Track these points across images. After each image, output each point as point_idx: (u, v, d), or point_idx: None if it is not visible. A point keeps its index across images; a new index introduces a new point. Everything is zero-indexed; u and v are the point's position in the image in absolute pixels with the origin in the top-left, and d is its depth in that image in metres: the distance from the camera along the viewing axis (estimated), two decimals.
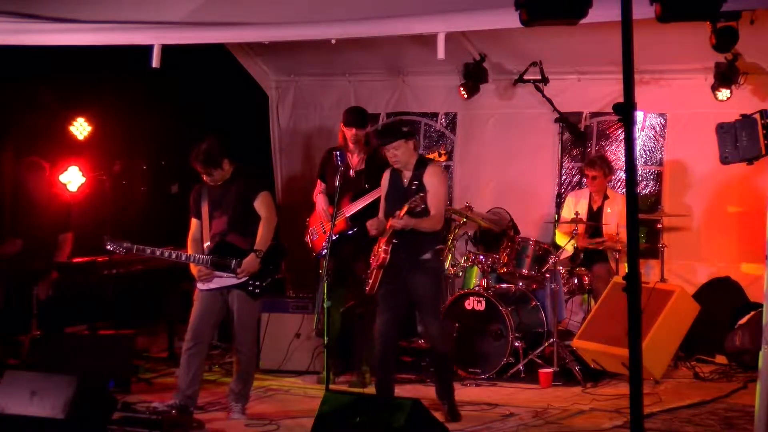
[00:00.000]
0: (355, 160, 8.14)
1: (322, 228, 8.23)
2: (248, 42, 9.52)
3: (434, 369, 7.33)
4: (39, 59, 8.20)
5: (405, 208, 6.83)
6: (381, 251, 6.98)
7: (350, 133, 8.10)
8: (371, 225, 7.08)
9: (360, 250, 8.01)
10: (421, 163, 7.04)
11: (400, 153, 6.96)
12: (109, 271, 8.64)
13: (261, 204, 7.07)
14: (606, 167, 8.97)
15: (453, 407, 7.03)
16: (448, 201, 7.25)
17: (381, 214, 7.16)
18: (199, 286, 7.06)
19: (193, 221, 7.19)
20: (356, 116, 8.18)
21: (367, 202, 8.02)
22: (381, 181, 7.25)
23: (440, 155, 8.34)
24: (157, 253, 7.08)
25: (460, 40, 9.15)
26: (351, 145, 8.15)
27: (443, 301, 7.62)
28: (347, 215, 8.04)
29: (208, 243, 7.05)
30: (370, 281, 7.06)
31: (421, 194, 6.82)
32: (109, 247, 7.13)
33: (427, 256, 6.99)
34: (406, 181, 7.03)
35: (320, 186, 8.35)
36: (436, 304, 7.16)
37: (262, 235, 7.02)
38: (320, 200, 8.27)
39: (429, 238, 6.99)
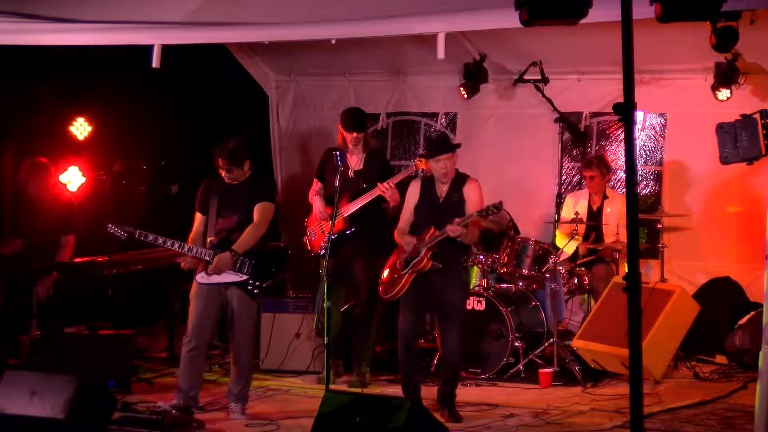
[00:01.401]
0: (353, 160, 8.14)
1: (320, 228, 8.23)
2: (248, 42, 9.52)
3: (443, 376, 7.23)
4: (39, 59, 8.20)
5: (473, 216, 6.88)
6: (422, 258, 6.96)
7: (351, 136, 8.09)
8: (408, 244, 7.06)
9: (358, 250, 8.02)
10: (460, 178, 7.09)
11: (450, 164, 7.01)
12: (109, 271, 8.63)
13: (258, 210, 7.05)
14: (603, 167, 8.97)
15: (453, 410, 7.03)
16: None
17: (402, 224, 7.19)
18: (198, 279, 7.05)
19: (199, 216, 7.19)
20: (357, 120, 8.15)
21: (365, 202, 8.02)
22: (407, 194, 7.24)
23: None
24: (160, 241, 6.99)
25: (460, 40, 9.15)
26: (351, 147, 8.15)
27: (465, 311, 7.51)
28: (345, 215, 8.04)
29: (213, 238, 7.04)
30: (398, 286, 7.05)
31: (496, 204, 6.86)
32: (110, 229, 7.09)
33: (459, 263, 7.09)
34: (443, 194, 7.06)
35: (317, 185, 8.34)
36: (461, 314, 7.15)
37: (244, 239, 6.98)
38: (317, 202, 8.25)
39: (463, 246, 7.08)
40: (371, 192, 7.99)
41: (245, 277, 6.97)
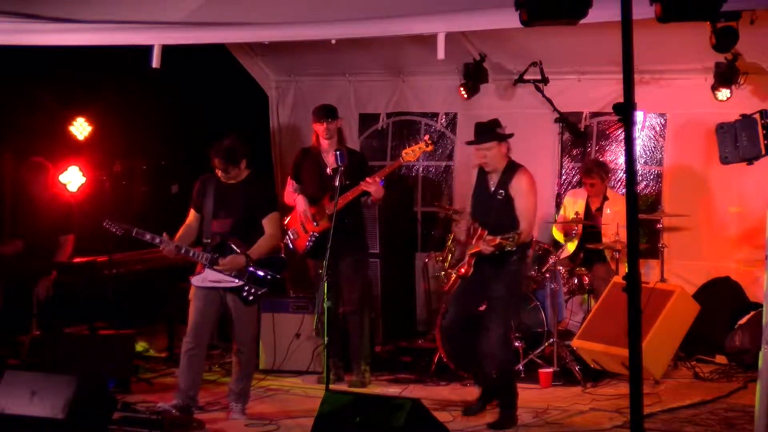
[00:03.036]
0: (330, 157, 8.11)
1: (302, 228, 8.19)
2: (248, 42, 9.52)
3: (489, 375, 7.02)
4: (39, 59, 8.20)
5: (497, 241, 6.56)
6: (465, 263, 6.84)
7: (321, 128, 8.09)
8: (459, 231, 6.98)
9: (345, 248, 7.95)
10: (510, 168, 6.86)
11: (490, 155, 6.85)
12: (109, 271, 8.63)
13: (269, 222, 7.06)
14: (603, 172, 8.97)
15: (503, 412, 6.85)
16: (536, 209, 6.85)
17: (469, 209, 7.06)
18: (194, 281, 7.05)
19: (192, 213, 7.20)
20: (324, 110, 8.18)
21: (351, 199, 7.98)
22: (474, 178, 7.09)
23: (427, 145, 8.21)
24: (156, 240, 6.97)
25: (460, 40, 9.15)
26: (325, 142, 8.12)
27: (515, 311, 7.15)
28: (330, 213, 7.99)
29: (208, 240, 7.05)
30: (449, 282, 6.99)
31: (517, 232, 6.54)
32: (106, 225, 7.07)
33: (510, 261, 6.82)
34: (492, 185, 6.88)
35: (292, 185, 8.32)
36: (507, 309, 6.90)
37: (260, 246, 7.00)
38: (300, 201, 8.19)
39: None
40: (356, 188, 7.96)
41: (241, 282, 6.97)
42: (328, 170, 8.09)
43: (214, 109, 9.94)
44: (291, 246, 8.29)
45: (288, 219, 8.30)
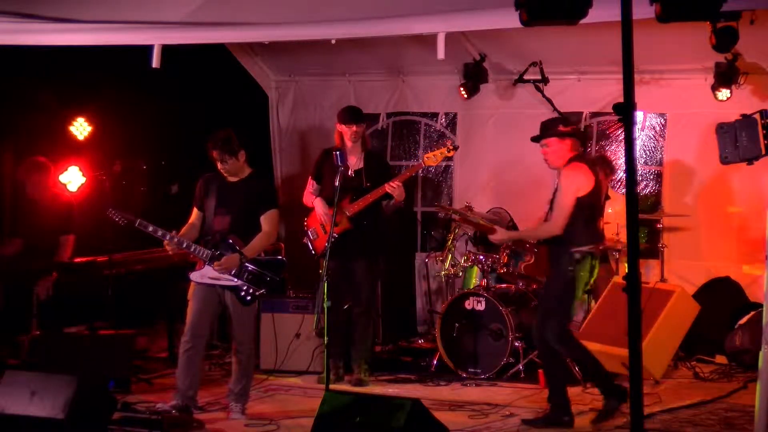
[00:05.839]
0: (352, 159, 8.13)
1: (322, 229, 8.21)
2: (248, 42, 9.52)
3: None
4: (39, 59, 8.19)
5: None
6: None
7: (351, 130, 8.10)
8: None
9: (360, 250, 7.99)
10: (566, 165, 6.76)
11: (549, 151, 6.84)
12: (109, 271, 8.63)
13: (266, 219, 7.07)
14: (607, 168, 8.96)
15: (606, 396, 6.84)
16: (570, 206, 6.69)
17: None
18: (193, 277, 7.05)
19: (195, 211, 7.20)
20: (355, 113, 8.22)
21: (371, 201, 8.00)
22: None
23: (449, 150, 8.22)
24: (159, 233, 6.97)
25: (460, 40, 9.15)
26: (349, 144, 8.14)
27: (566, 315, 6.90)
28: (350, 215, 8.02)
29: (209, 237, 7.06)
30: None
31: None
32: (110, 213, 7.07)
33: (561, 260, 6.79)
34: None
35: (312, 186, 8.33)
36: (554, 310, 6.83)
37: (254, 245, 7.01)
38: (318, 204, 8.21)
39: (561, 243, 6.75)
40: (377, 191, 7.99)
41: (240, 282, 6.97)
42: (350, 172, 8.10)
43: (214, 109, 9.93)
44: (310, 246, 8.30)
45: (308, 218, 8.33)
